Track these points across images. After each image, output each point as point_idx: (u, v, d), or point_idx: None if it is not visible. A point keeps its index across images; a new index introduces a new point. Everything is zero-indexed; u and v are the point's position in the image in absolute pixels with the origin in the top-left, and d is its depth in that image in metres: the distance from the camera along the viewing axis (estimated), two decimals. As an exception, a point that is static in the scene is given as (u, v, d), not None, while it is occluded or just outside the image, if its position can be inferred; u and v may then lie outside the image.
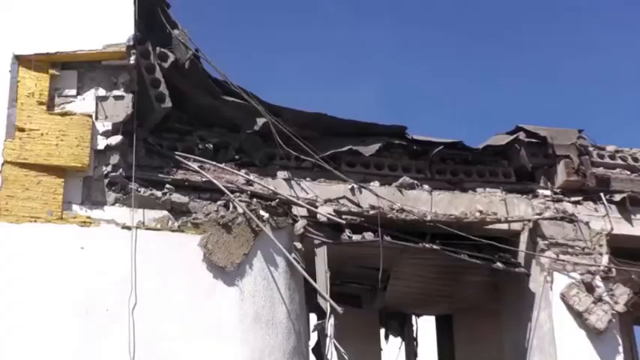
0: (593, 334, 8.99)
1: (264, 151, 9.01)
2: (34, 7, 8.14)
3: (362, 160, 9.34)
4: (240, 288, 7.89)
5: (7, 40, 8.01)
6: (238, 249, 7.93)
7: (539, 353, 9.23)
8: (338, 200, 8.86)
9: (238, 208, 8.09)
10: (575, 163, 9.77)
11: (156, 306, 7.55)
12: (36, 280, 7.38)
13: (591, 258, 9.32)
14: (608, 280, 9.21)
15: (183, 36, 8.64)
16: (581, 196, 9.76)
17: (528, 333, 9.41)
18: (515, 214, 9.42)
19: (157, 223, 7.87)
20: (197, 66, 8.70)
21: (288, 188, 8.74)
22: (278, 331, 8.00)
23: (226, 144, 8.94)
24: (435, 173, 9.62)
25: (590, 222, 9.54)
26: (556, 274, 9.17)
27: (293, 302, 8.24)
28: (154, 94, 8.30)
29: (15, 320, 7.25)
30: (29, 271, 7.39)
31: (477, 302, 11.09)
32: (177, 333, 7.56)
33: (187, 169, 8.38)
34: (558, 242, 9.34)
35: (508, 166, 9.92)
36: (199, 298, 7.73)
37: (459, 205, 9.27)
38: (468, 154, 9.76)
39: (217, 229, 7.91)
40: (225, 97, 8.81)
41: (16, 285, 7.35)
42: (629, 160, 10.35)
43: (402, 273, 9.91)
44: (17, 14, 8.10)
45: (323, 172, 9.00)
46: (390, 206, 8.91)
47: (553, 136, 9.85)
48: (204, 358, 7.58)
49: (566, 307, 9.06)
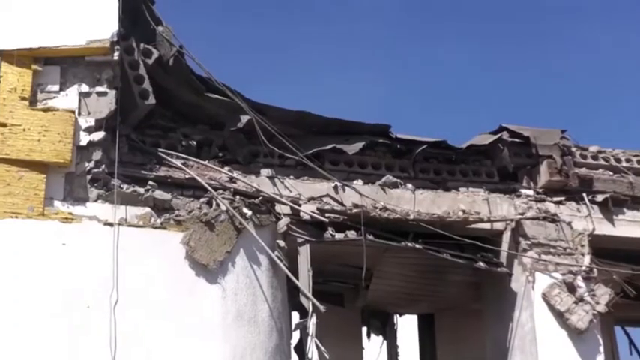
0: (574, 333, 9.02)
1: (247, 149, 8.99)
2: (18, 2, 8.08)
3: (345, 159, 9.34)
4: (222, 285, 7.88)
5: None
6: (221, 246, 7.92)
7: (520, 353, 9.25)
8: (321, 198, 8.85)
9: (221, 205, 8.07)
10: (558, 164, 9.80)
11: (138, 303, 7.52)
12: (17, 277, 7.33)
13: (573, 258, 9.35)
14: (589, 280, 9.25)
15: (168, 33, 8.61)
16: (563, 196, 9.79)
17: (510, 332, 9.44)
18: (497, 213, 9.45)
19: (139, 220, 7.84)
20: (181, 63, 8.67)
21: (271, 186, 8.73)
22: (260, 329, 7.99)
23: (210, 141, 8.92)
24: (419, 172, 9.63)
25: (572, 222, 9.58)
26: (538, 273, 9.20)
27: (275, 300, 8.23)
28: (138, 90, 8.26)
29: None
30: (10, 267, 7.35)
31: (459, 301, 11.12)
32: (159, 330, 7.54)
33: (170, 166, 8.36)
34: (540, 242, 9.37)
35: (491, 166, 9.94)
36: (181, 295, 7.71)
37: (441, 204, 9.28)
38: (452, 153, 9.78)
39: (200, 227, 7.90)
40: (209, 95, 8.79)
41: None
42: (611, 161, 10.39)
43: (385, 272, 9.91)
44: (0, 9, 8.06)
45: (306, 171, 9.00)
46: (373, 205, 8.91)
47: (536, 137, 9.87)
48: (186, 355, 7.56)
49: (547, 306, 9.09)
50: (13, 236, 7.44)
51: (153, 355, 7.46)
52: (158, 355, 7.48)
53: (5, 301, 7.25)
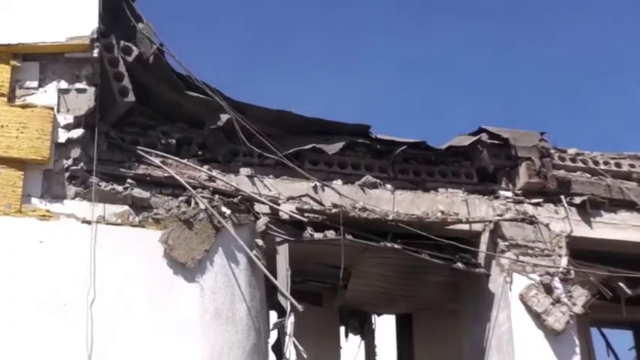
0: (551, 334, 9.06)
1: (227, 148, 8.97)
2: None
3: (325, 159, 9.33)
4: (200, 284, 7.87)
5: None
6: (199, 245, 7.90)
7: (497, 353, 9.28)
8: (300, 198, 8.85)
9: (200, 204, 8.06)
10: (537, 165, 9.83)
11: (115, 301, 7.50)
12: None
13: (551, 259, 9.39)
14: (566, 281, 9.29)
15: (148, 30, 8.57)
16: (541, 198, 9.83)
17: (487, 333, 9.47)
18: (476, 214, 9.47)
19: (117, 217, 7.81)
20: (161, 60, 8.64)
21: (250, 185, 8.71)
22: (238, 328, 7.99)
23: (189, 139, 8.90)
24: (398, 173, 9.64)
25: (550, 224, 9.62)
26: (515, 274, 9.23)
27: (253, 299, 8.23)
28: (117, 87, 8.22)
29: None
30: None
31: (437, 302, 11.15)
32: (137, 328, 7.52)
33: (149, 164, 8.33)
34: (518, 243, 9.40)
35: (470, 167, 9.96)
36: (159, 293, 7.69)
37: (420, 204, 9.29)
38: (431, 154, 9.80)
39: (178, 225, 7.88)
40: (189, 93, 8.76)
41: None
42: (589, 164, 10.44)
43: (363, 272, 9.93)
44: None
45: (286, 170, 8.99)
46: (352, 205, 8.92)
47: (515, 138, 9.91)
48: (163, 354, 7.55)
49: (524, 307, 9.12)
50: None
51: (130, 354, 7.44)
52: (135, 354, 7.46)
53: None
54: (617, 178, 10.41)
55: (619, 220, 10.03)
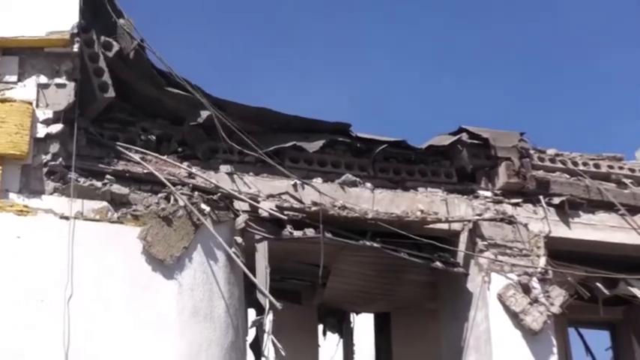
0: (528, 334, 9.09)
1: (207, 145, 8.95)
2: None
3: (305, 157, 9.33)
4: (179, 281, 7.84)
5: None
6: (178, 242, 7.88)
7: (475, 352, 9.31)
8: (280, 196, 8.84)
9: (179, 200, 8.04)
10: (516, 166, 9.86)
11: (93, 298, 7.46)
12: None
13: (529, 259, 9.42)
14: (544, 281, 9.32)
15: (129, 25, 8.54)
16: (520, 198, 9.86)
17: (465, 332, 9.49)
18: (455, 214, 9.49)
19: (95, 213, 7.77)
20: (142, 56, 8.61)
21: (230, 182, 8.69)
22: (216, 326, 7.97)
23: (169, 136, 8.87)
24: (378, 171, 9.64)
25: (529, 224, 9.65)
26: (494, 274, 9.26)
27: (232, 297, 8.21)
28: (97, 83, 8.19)
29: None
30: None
31: (416, 301, 11.17)
32: (115, 325, 7.48)
33: (129, 160, 8.30)
34: (497, 243, 9.43)
35: (450, 167, 9.98)
36: (137, 290, 7.66)
37: (400, 203, 9.31)
38: (411, 153, 9.81)
39: (157, 222, 7.85)
40: (170, 89, 8.73)
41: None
42: (568, 164, 10.50)
43: (342, 270, 9.94)
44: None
45: (266, 168, 8.98)
46: (332, 203, 8.92)
47: (495, 138, 9.94)
48: (141, 351, 7.51)
49: (502, 307, 9.15)
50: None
51: (107, 350, 7.40)
52: (113, 350, 7.42)
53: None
54: (596, 179, 10.48)
55: (597, 221, 10.08)
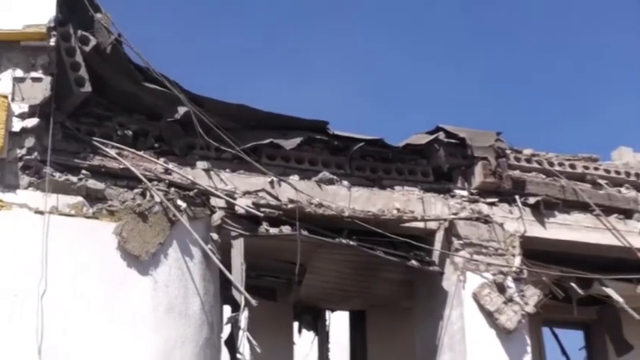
0: (502, 333, 9.13)
1: (184, 141, 8.92)
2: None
3: (282, 154, 9.32)
4: (154, 277, 7.82)
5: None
6: (154, 238, 7.86)
7: (449, 351, 9.34)
8: (257, 193, 8.82)
9: (155, 196, 8.01)
10: (493, 165, 9.89)
11: (67, 293, 7.43)
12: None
13: (504, 259, 9.46)
14: (519, 281, 9.37)
15: (106, 20, 8.49)
16: (496, 197, 9.90)
17: (439, 331, 9.52)
18: (431, 213, 9.52)
19: (71, 208, 7.74)
20: (119, 51, 8.56)
21: (207, 179, 8.67)
22: (191, 322, 7.95)
23: (146, 131, 8.83)
24: (355, 169, 9.65)
25: (505, 223, 9.69)
26: (469, 273, 9.29)
27: (207, 293, 8.20)
28: (74, 77, 8.14)
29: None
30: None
31: (391, 299, 11.19)
32: (89, 321, 7.46)
33: (105, 155, 8.26)
34: (473, 242, 9.46)
35: (427, 166, 10.00)
36: (112, 286, 7.64)
37: (377, 201, 9.32)
38: (388, 151, 9.82)
39: (133, 218, 7.83)
40: (147, 84, 8.70)
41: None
42: (544, 165, 10.54)
43: (318, 268, 9.94)
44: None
45: (243, 164, 8.96)
46: (308, 200, 8.92)
47: (472, 138, 9.96)
48: (115, 347, 7.49)
49: (477, 306, 9.18)
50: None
51: (81, 346, 7.37)
52: (87, 346, 7.39)
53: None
54: (572, 179, 10.54)
55: (572, 221, 10.14)
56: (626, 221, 10.44)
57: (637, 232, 10.35)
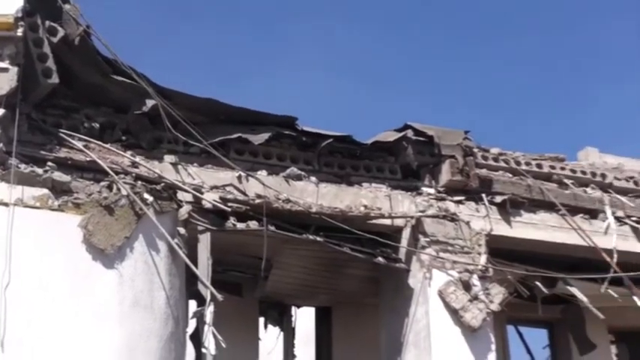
0: (467, 331, 9.17)
1: (151, 134, 8.87)
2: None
3: (251, 149, 9.30)
4: (119, 271, 7.78)
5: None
6: (120, 231, 7.81)
7: (414, 348, 9.36)
8: (224, 187, 8.80)
9: (122, 190, 7.97)
10: (460, 164, 9.93)
11: (31, 286, 7.38)
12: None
13: (470, 257, 9.50)
14: (484, 279, 9.41)
15: (75, 11, 8.42)
16: (463, 195, 9.94)
17: (405, 328, 9.55)
18: (398, 210, 9.54)
19: (36, 201, 7.67)
20: (87, 43, 8.50)
21: (174, 173, 8.64)
22: (156, 316, 7.93)
23: (113, 124, 8.78)
24: (323, 166, 9.65)
25: (471, 222, 9.73)
26: (435, 271, 9.32)
27: (173, 288, 8.17)
28: (41, 68, 8.08)
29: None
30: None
31: (357, 295, 11.21)
32: (53, 314, 7.41)
33: (71, 147, 8.21)
34: (439, 240, 9.49)
35: (395, 163, 10.02)
36: (77, 279, 7.59)
37: (344, 198, 9.33)
38: (357, 148, 9.83)
39: (99, 211, 7.78)
40: (115, 77, 8.64)
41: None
42: (511, 164, 10.60)
43: (285, 263, 9.93)
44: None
45: (211, 159, 8.93)
46: (276, 196, 8.90)
47: (440, 136, 9.99)
48: (80, 341, 7.45)
49: (443, 303, 9.21)
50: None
51: (46, 339, 7.32)
52: (51, 339, 7.34)
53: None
54: (538, 178, 10.60)
55: (538, 220, 10.20)
56: (591, 221, 10.52)
57: (602, 232, 10.44)
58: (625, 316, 12.20)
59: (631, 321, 12.65)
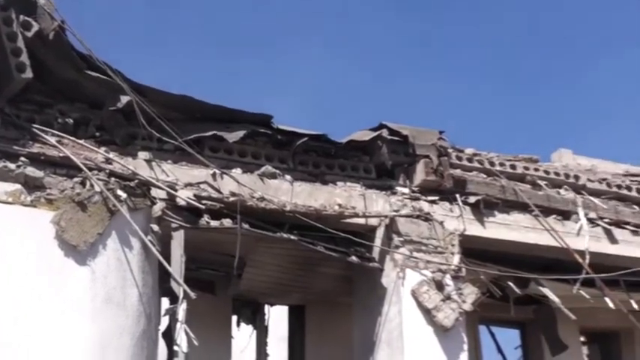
0: (440, 331, 9.20)
1: (125, 130, 8.83)
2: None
3: (225, 147, 9.28)
4: (92, 268, 7.75)
5: None
6: (92, 228, 7.78)
7: (387, 347, 9.38)
8: (199, 185, 8.78)
9: (95, 186, 7.93)
10: (434, 164, 9.95)
11: (2, 281, 7.34)
12: None
13: (443, 257, 9.53)
14: (457, 279, 9.44)
15: (50, 6, 8.36)
16: (437, 195, 9.96)
17: (378, 327, 9.56)
18: (373, 209, 9.55)
19: (8, 196, 7.64)
20: (62, 38, 8.44)
21: (148, 169, 8.60)
22: (129, 313, 7.90)
23: (87, 120, 8.73)
24: (298, 164, 9.64)
25: (445, 222, 9.75)
26: (409, 270, 9.34)
27: (146, 285, 8.14)
28: (15, 63, 8.01)
29: None
30: None
31: (331, 294, 11.21)
32: (25, 310, 7.38)
33: (45, 142, 8.16)
34: (413, 240, 9.51)
35: (369, 162, 10.03)
36: (50, 276, 7.56)
37: (318, 197, 9.33)
38: (332, 147, 9.83)
39: (72, 207, 7.75)
40: (90, 72, 8.59)
41: None
42: (485, 164, 10.63)
43: (258, 261, 9.92)
44: None
45: (185, 156, 8.90)
46: (250, 194, 8.89)
47: (414, 136, 10.01)
48: (51, 336, 7.42)
49: (416, 303, 9.24)
50: None
51: (15, 335, 7.28)
52: (21, 335, 7.31)
53: None
54: (512, 179, 10.64)
55: (511, 221, 10.25)
56: (564, 222, 10.58)
57: (574, 233, 10.50)
58: (596, 317, 12.31)
59: (602, 322, 12.77)
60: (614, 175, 11.74)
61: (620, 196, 11.38)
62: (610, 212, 11.00)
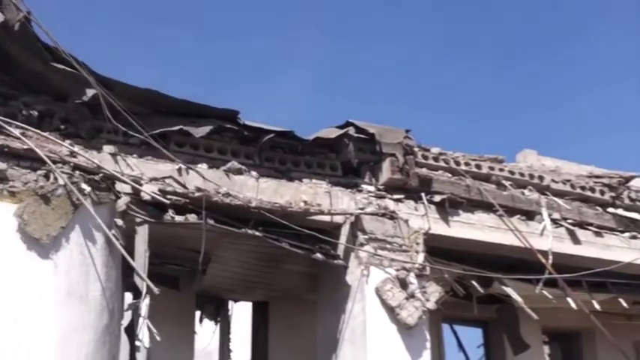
0: (403, 328, 9.23)
1: (91, 123, 8.78)
2: None
3: (191, 142, 9.25)
4: (54, 261, 7.69)
5: None
6: (56, 221, 7.72)
7: (350, 344, 9.40)
8: (164, 180, 8.74)
9: (59, 179, 7.87)
10: (400, 162, 9.98)
11: (-37, 275, 7.26)
12: None
13: (408, 255, 9.56)
14: (422, 277, 9.47)
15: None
16: (403, 194, 9.99)
17: (341, 324, 9.58)
18: (338, 206, 9.56)
19: (-30, 188, 7.56)
20: (27, 29, 8.36)
21: (113, 163, 8.55)
22: (91, 308, 7.85)
23: (52, 112, 8.67)
24: (264, 160, 9.64)
25: (410, 220, 9.79)
26: (373, 268, 9.36)
27: (109, 279, 8.09)
28: (-21, 54, 7.96)
29: None
30: None
31: (295, 291, 11.21)
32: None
33: (8, 135, 8.08)
34: (378, 237, 9.53)
35: (335, 160, 10.05)
36: (12, 269, 7.50)
37: (284, 193, 9.32)
38: (298, 144, 9.83)
39: (35, 200, 7.68)
40: (55, 65, 8.52)
41: None
42: (451, 163, 10.68)
43: (223, 257, 9.89)
44: None
45: (151, 150, 8.86)
46: (216, 190, 8.87)
47: (381, 134, 10.03)
48: (13, 330, 7.35)
49: (379, 301, 9.26)
50: None
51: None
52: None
53: None
54: (477, 179, 10.71)
55: (476, 221, 10.30)
56: (527, 222, 10.66)
57: (538, 233, 10.57)
58: (558, 317, 12.41)
59: (564, 322, 12.88)
60: (578, 177, 11.83)
61: (583, 198, 11.49)
62: (573, 213, 11.09)
